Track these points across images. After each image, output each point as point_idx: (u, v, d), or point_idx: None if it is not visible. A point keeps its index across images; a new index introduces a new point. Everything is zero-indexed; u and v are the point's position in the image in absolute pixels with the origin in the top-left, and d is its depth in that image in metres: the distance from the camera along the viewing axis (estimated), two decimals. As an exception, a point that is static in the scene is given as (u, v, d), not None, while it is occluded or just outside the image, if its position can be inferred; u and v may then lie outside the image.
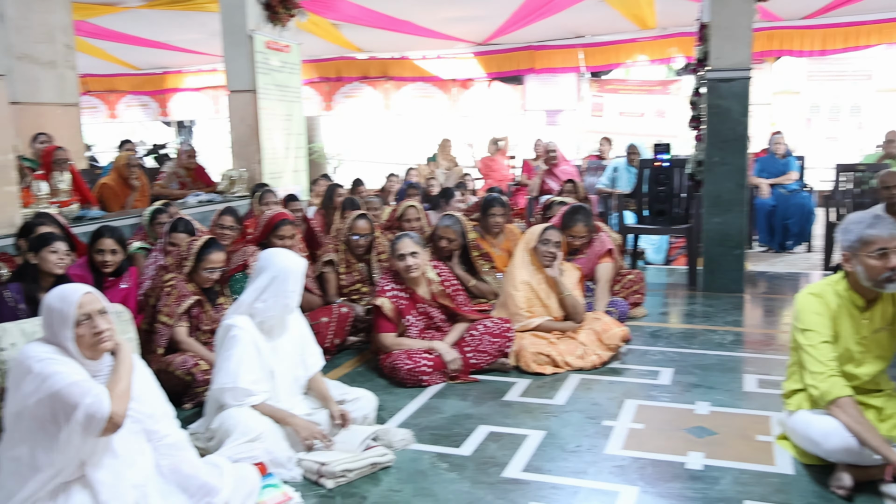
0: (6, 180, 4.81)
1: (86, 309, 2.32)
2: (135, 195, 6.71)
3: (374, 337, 4.35)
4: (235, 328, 3.12)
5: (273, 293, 3.16)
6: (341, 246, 5.11)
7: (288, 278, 3.18)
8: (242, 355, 3.08)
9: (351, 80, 13.99)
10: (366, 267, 5.16)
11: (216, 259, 3.99)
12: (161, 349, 3.85)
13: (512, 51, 12.69)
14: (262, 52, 7.57)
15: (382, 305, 4.23)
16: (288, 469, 2.95)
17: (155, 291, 3.97)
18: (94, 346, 2.32)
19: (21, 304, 3.75)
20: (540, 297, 4.53)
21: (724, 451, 3.15)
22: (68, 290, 2.37)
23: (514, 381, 4.12)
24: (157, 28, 11.55)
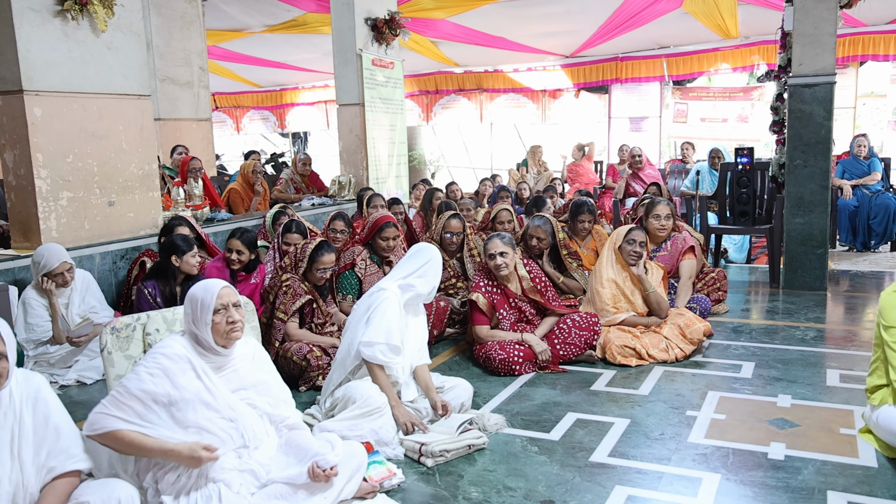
0: (151, 186, 5.07)
1: (224, 300, 2.40)
2: (258, 199, 6.94)
3: (469, 329, 4.38)
4: (388, 291, 3.25)
5: (425, 272, 3.34)
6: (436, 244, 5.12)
7: (438, 265, 3.39)
8: (393, 317, 3.18)
9: (448, 92, 14.10)
10: (459, 264, 5.18)
11: (327, 260, 4.06)
12: (277, 341, 3.97)
13: (598, 62, 12.48)
14: (368, 69, 7.73)
15: (477, 300, 4.25)
16: (392, 447, 2.99)
17: (273, 289, 4.09)
18: (226, 333, 2.39)
19: (158, 297, 3.95)
20: (625, 294, 4.45)
21: (806, 443, 3.01)
22: (211, 283, 2.45)
23: (600, 372, 4.07)
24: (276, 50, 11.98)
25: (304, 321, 4.09)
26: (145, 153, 5.02)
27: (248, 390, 2.49)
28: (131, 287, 4.66)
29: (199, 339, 2.38)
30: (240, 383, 2.47)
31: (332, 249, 4.14)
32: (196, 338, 2.39)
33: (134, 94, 4.89)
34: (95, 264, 4.65)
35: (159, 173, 5.47)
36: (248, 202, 6.96)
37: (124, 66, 4.80)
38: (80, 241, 4.61)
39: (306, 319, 4.09)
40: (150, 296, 4.00)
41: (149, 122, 5.06)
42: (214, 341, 2.38)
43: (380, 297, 3.25)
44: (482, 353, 4.14)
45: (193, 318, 2.40)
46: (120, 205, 4.85)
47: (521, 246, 4.97)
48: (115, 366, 2.56)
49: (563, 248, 5.08)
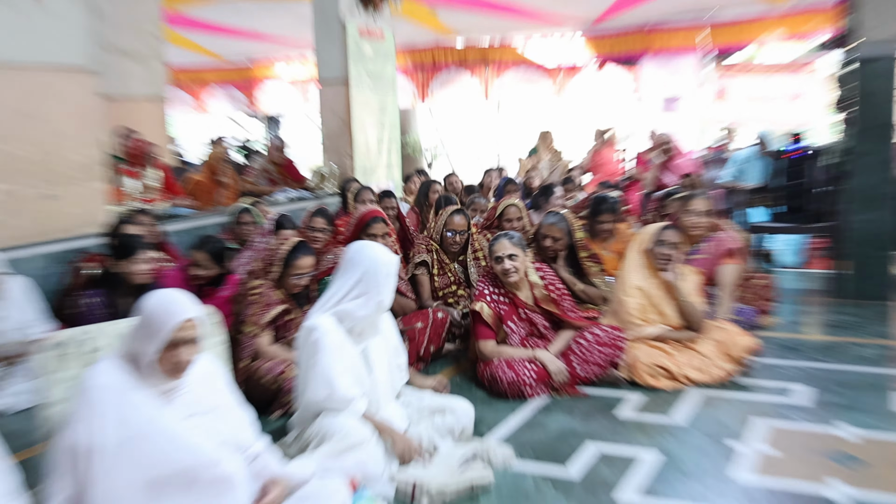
0: (94, 177, 5.06)
1: (183, 334, 2.35)
2: (225, 192, 6.98)
3: (471, 344, 4.37)
4: (317, 331, 3.10)
5: (364, 290, 3.15)
6: (434, 245, 5.15)
7: (379, 272, 3.16)
8: (332, 360, 3.07)
9: (447, 67, 14.09)
10: (461, 268, 5.19)
11: (305, 264, 4.06)
12: (246, 360, 3.93)
13: (625, 33, 12.46)
14: (354, 41, 7.72)
15: (481, 310, 4.24)
16: (381, 484, 2.96)
17: (241, 298, 4.07)
18: (167, 372, 2.37)
19: (97, 310, 3.94)
20: (655, 304, 4.45)
21: (875, 482, 2.98)
22: (177, 306, 2.38)
23: (626, 396, 4.06)
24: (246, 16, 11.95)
25: (278, 335, 4.08)
26: (89, 137, 5.00)
27: (206, 415, 2.46)
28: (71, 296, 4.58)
29: (140, 363, 2.36)
30: (194, 408, 2.45)
31: (311, 252, 4.13)
32: (136, 359, 2.37)
33: (73, 66, 4.86)
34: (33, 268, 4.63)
35: (106, 161, 5.44)
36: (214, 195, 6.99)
37: (63, 33, 4.78)
38: (14, 241, 4.60)
39: (280, 333, 4.07)
40: (94, 306, 3.99)
41: (92, 101, 5.05)
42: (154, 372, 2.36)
43: (306, 338, 3.16)
44: (487, 372, 4.15)
45: (139, 338, 2.36)
46: (62, 199, 4.84)
47: (534, 247, 4.96)
48: (53, 389, 2.55)
49: (582, 249, 5.07)
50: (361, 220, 4.81)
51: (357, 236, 4.76)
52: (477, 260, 5.20)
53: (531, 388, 4.04)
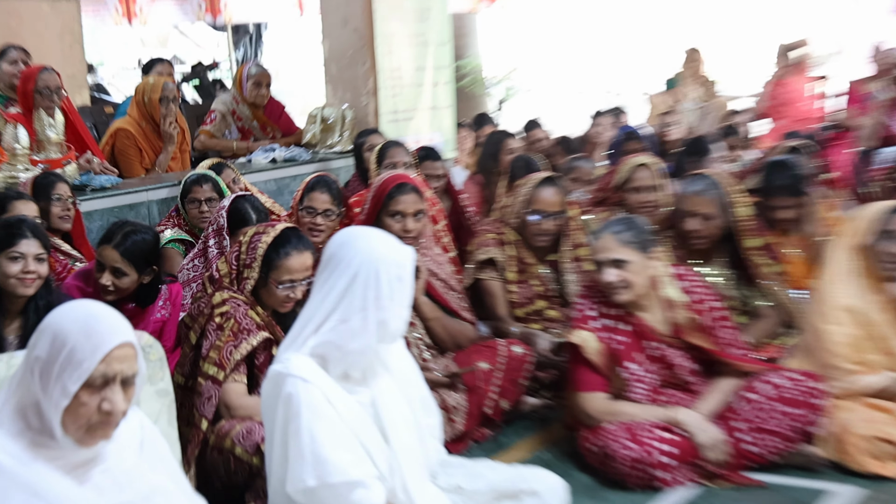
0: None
1: (113, 369, 2.38)
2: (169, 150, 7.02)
3: (569, 398, 4.37)
4: (291, 380, 3.02)
5: (357, 305, 3.04)
6: (510, 235, 5.16)
7: (380, 278, 3.03)
8: (319, 426, 3.00)
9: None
10: (551, 271, 5.19)
11: (298, 265, 4.02)
12: (205, 420, 3.91)
13: None
14: None
15: (584, 344, 4.22)
16: None
17: (197, 321, 4.07)
18: (92, 427, 2.38)
19: None
20: (878, 337, 4.41)
21: None
22: (102, 324, 2.42)
23: (830, 489, 4.00)
24: None
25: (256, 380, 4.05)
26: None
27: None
28: None
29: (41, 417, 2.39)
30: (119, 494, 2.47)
31: (309, 246, 4.10)
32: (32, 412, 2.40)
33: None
34: None
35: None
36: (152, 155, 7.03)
37: None
38: None
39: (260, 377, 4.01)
40: None
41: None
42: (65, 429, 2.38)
43: (281, 397, 3.07)
44: (595, 444, 4.14)
45: (37, 378, 2.38)
46: None
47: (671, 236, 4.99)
48: None
49: (747, 236, 5.07)
50: (380, 190, 4.80)
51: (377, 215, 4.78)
52: (578, 261, 5.20)
53: (667, 472, 4.00)
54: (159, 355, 3.03)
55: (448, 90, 8.78)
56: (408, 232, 4.66)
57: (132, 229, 4.49)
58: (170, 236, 5.40)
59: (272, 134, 7.97)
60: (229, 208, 4.92)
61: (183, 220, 5.59)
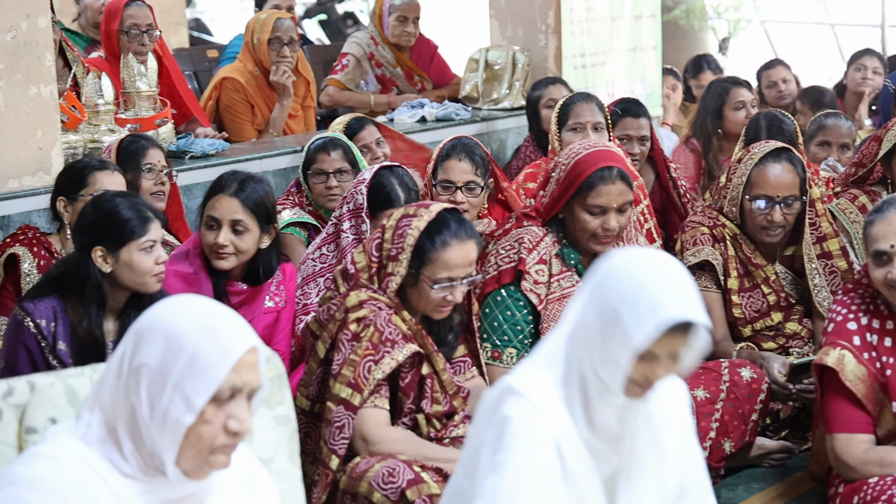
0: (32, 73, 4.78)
1: (243, 378, 2.12)
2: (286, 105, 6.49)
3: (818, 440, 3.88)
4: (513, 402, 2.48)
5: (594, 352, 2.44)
6: (730, 228, 4.62)
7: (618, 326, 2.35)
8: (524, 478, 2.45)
9: None
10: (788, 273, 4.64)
11: (460, 258, 3.49)
12: (336, 456, 3.47)
13: None
14: None
15: (842, 368, 3.58)
16: None
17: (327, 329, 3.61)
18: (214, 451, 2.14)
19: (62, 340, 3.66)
20: None
21: None
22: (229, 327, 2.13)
23: None
24: None
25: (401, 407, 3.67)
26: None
27: None
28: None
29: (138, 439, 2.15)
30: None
31: (473, 234, 3.63)
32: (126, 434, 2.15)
33: None
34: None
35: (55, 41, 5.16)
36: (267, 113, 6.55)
37: None
38: None
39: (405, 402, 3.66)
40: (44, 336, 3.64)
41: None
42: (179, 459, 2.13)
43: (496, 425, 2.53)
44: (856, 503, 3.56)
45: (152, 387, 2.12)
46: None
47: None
48: None
49: None
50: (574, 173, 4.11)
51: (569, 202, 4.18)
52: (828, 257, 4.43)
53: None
54: (279, 371, 2.61)
55: (653, 25, 7.93)
56: (609, 231, 4.12)
57: (248, 176, 4.19)
58: (288, 219, 4.88)
59: (421, 85, 7.39)
60: (370, 182, 4.33)
61: (306, 199, 5.10)
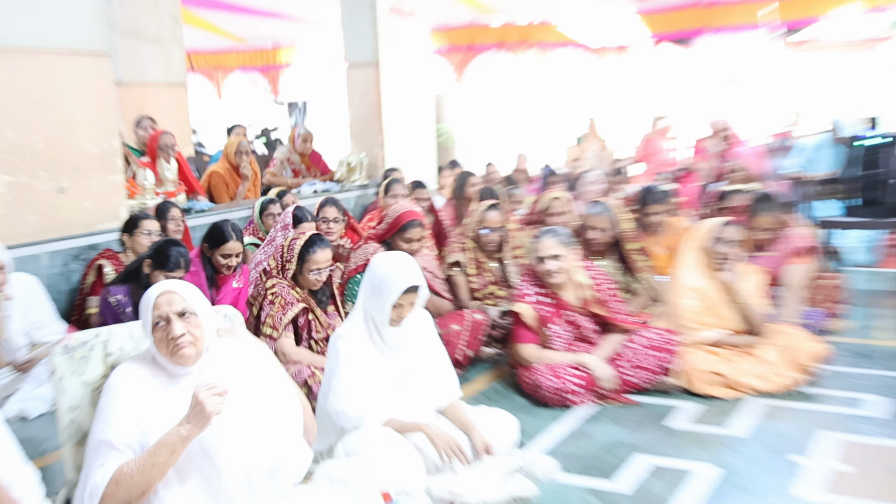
0: (109, 169, 5.11)
1: (161, 311, 2.38)
2: (246, 184, 6.99)
3: (512, 348, 4.39)
4: (340, 340, 3.17)
5: (374, 290, 3.15)
6: (469, 243, 5.18)
7: (382, 292, 3.12)
8: (349, 373, 3.10)
9: (485, 49, 14.04)
10: (499, 267, 5.20)
11: (321, 258, 4.08)
12: None
13: (683, 7, 12.35)
14: (384, 20, 7.72)
15: (522, 313, 4.27)
16: (416, 498, 2.91)
17: (257, 300, 4.11)
18: (171, 353, 2.38)
19: (128, 308, 4.00)
20: (713, 306, 4.45)
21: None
22: (150, 290, 2.46)
23: (679, 405, 4.07)
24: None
25: (300, 337, 4.11)
26: (104, 126, 5.06)
27: None
28: (86, 296, 4.72)
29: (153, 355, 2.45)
30: None
31: (327, 245, 4.16)
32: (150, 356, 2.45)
33: (88, 50, 4.91)
34: (42, 266, 4.69)
35: (122, 152, 5.50)
36: (234, 188, 7.02)
37: (76, 14, 4.81)
38: (22, 237, 4.64)
39: (302, 335, 4.11)
40: (120, 305, 4.02)
41: (108, 87, 5.10)
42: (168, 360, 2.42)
43: (334, 349, 3.21)
44: (529, 378, 4.19)
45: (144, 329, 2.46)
46: (72, 192, 4.88)
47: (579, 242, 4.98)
48: (66, 394, 2.52)
49: (629, 241, 5.10)
50: (398, 220, 4.79)
51: (390, 237, 4.80)
52: (516, 258, 5.21)
53: (577, 396, 4.05)
54: (240, 320, 2.91)
55: (431, 143, 8.79)
56: (413, 251, 4.63)
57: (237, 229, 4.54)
58: (249, 240, 5.35)
59: (314, 174, 7.93)
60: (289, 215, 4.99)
61: (256, 229, 5.60)
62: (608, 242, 5.05)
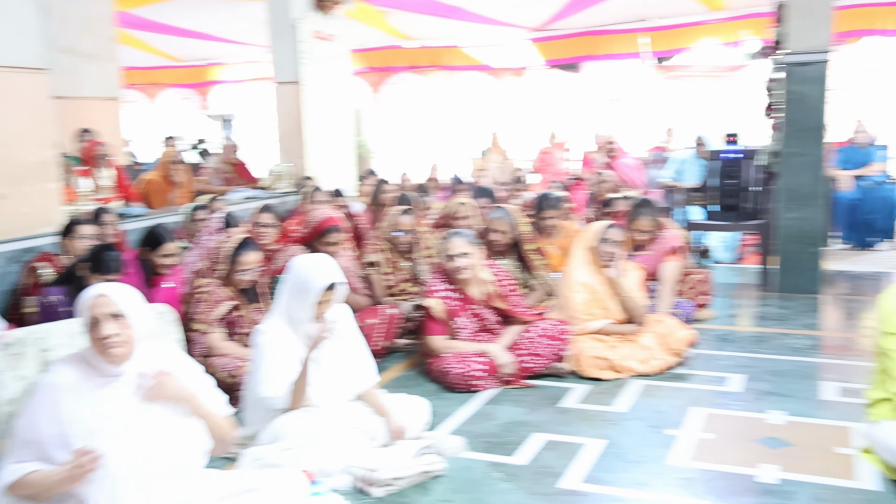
0: (47, 177, 4.95)
1: (95, 312, 2.34)
2: (178, 192, 6.84)
3: (423, 339, 4.39)
4: (260, 334, 3.17)
5: (296, 304, 3.16)
6: (385, 245, 5.15)
7: (305, 291, 3.14)
8: (269, 365, 3.11)
9: (399, 70, 14.06)
10: (411, 266, 5.19)
11: (250, 260, 4.04)
12: (198, 358, 3.80)
13: (570, 36, 12.58)
14: (307, 42, 7.67)
15: (432, 307, 4.26)
16: (337, 477, 2.96)
17: (190, 297, 4.04)
18: (102, 352, 2.34)
19: (65, 307, 3.80)
20: (599, 299, 4.51)
21: (801, 465, 3.09)
22: (86, 292, 2.41)
23: (571, 387, 4.12)
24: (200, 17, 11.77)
25: (230, 331, 4.06)
26: (42, 137, 4.90)
27: None
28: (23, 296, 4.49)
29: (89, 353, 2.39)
30: None
31: (256, 248, 4.13)
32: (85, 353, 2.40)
33: (28, 66, 4.76)
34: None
35: (60, 161, 5.32)
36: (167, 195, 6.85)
37: (15, 33, 4.66)
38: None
39: (231, 329, 4.06)
40: (57, 305, 3.87)
41: (45, 101, 4.96)
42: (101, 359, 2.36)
43: (256, 343, 3.21)
44: (437, 366, 4.18)
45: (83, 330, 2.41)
46: (12, 198, 4.72)
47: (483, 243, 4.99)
48: (5, 388, 2.48)
49: (527, 243, 5.13)
50: (319, 226, 4.75)
51: (311, 241, 4.75)
52: (427, 258, 5.19)
53: (481, 381, 4.06)
54: (173, 317, 2.90)
55: (351, 154, 8.73)
56: (332, 254, 4.46)
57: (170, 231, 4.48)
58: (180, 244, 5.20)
59: (242, 181, 7.83)
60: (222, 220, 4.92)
61: (187, 233, 5.44)
62: (508, 243, 5.07)
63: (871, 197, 7.94)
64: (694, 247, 6.77)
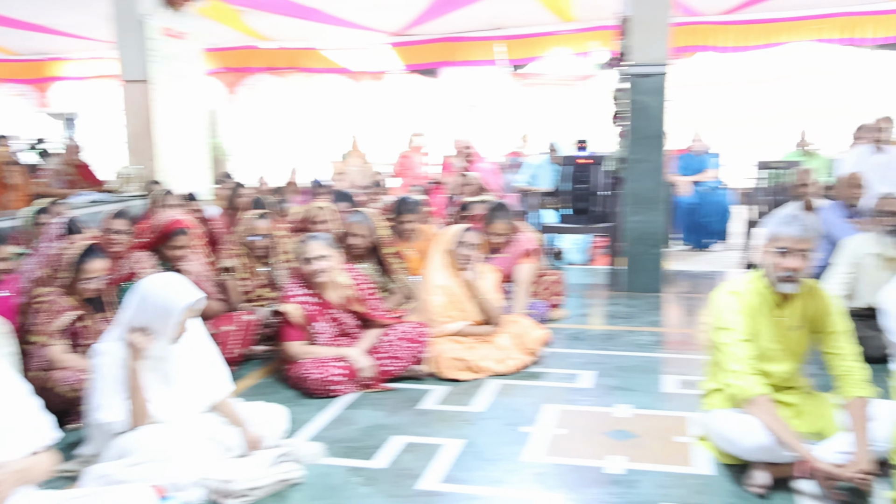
0: None
1: None
2: (13, 195, 6.44)
3: (281, 346, 4.32)
4: (98, 357, 3.02)
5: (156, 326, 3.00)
6: (241, 249, 5.04)
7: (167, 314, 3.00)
8: (106, 387, 2.98)
9: (257, 70, 13.77)
10: (268, 270, 5.10)
11: (95, 268, 3.84)
12: (36, 371, 3.62)
13: (429, 42, 12.75)
14: (155, 39, 7.39)
15: (289, 312, 4.21)
16: (189, 490, 2.86)
17: (27, 307, 3.80)
18: None
19: None
20: (457, 301, 4.57)
21: (645, 454, 3.26)
22: None
23: (430, 389, 4.16)
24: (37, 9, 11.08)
25: (75, 343, 3.82)
26: None
27: None
28: None
29: None
30: None
31: (102, 255, 3.92)
32: None
33: None
34: None
35: None
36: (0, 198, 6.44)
37: None
38: None
39: (76, 340, 3.82)
40: None
41: None
42: None
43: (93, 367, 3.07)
44: (296, 372, 4.13)
45: None
46: None
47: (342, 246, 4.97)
48: None
49: (385, 246, 5.15)
50: (164, 230, 4.53)
51: (158, 246, 4.55)
52: (285, 262, 5.10)
53: (340, 386, 4.04)
54: (7, 329, 2.74)
55: (205, 157, 8.52)
56: (180, 258, 4.48)
57: None
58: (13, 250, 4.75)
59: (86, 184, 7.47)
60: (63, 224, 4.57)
61: (26, 238, 5.05)
62: (367, 247, 5.07)
63: (707, 201, 8.50)
64: (547, 249, 7.02)
